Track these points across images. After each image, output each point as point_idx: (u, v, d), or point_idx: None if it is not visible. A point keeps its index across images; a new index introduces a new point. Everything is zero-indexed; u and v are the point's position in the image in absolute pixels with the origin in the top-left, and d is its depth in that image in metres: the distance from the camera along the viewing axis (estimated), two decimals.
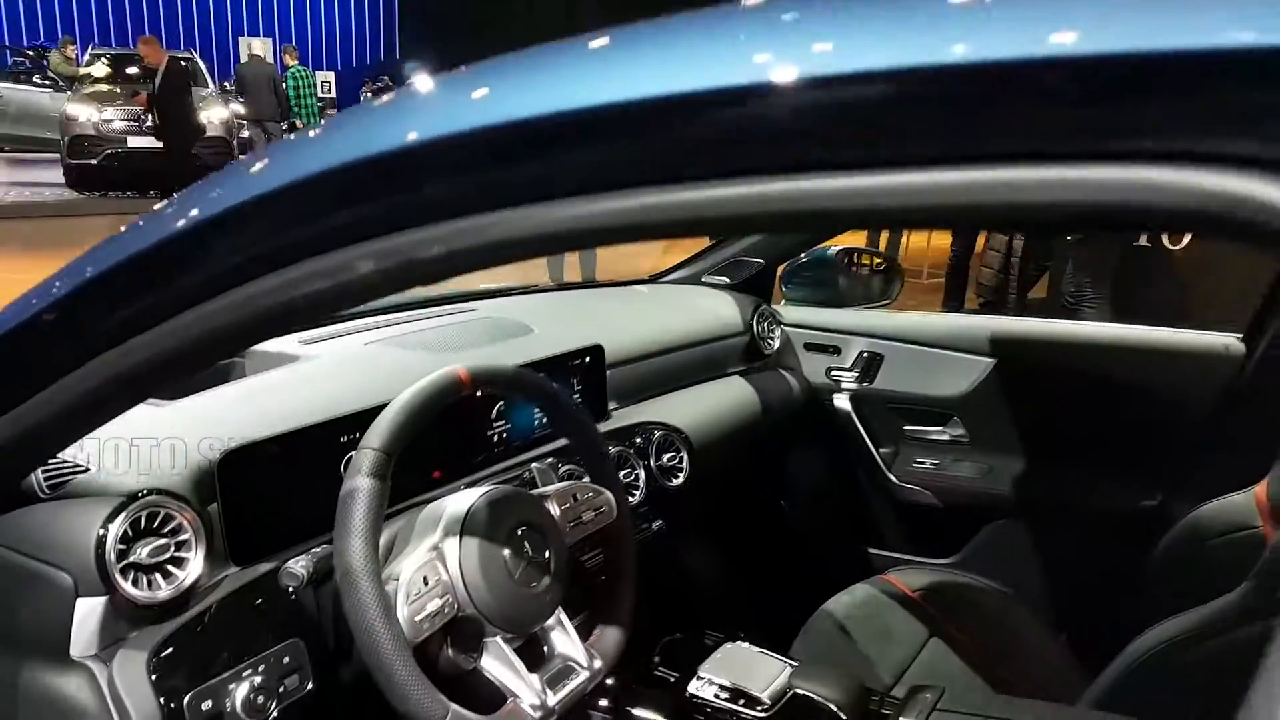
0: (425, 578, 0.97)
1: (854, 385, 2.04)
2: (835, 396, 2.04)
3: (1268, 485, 1.40)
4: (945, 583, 1.73)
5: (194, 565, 0.94)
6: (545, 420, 1.45)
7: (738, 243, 2.02)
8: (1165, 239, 6.22)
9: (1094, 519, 1.85)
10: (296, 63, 11.74)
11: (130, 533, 0.91)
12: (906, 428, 2.04)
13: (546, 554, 1.07)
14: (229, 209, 0.60)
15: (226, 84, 13.87)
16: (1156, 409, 1.77)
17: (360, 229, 0.55)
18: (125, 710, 0.86)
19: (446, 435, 1.28)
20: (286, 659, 0.98)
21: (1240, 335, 1.71)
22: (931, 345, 1.97)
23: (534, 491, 1.17)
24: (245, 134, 10.61)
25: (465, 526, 1.01)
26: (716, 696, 1.31)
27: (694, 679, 1.33)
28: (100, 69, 11.09)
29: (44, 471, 0.95)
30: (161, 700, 0.88)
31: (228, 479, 1.02)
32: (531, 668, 1.04)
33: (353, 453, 1.13)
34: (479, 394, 1.06)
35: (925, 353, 1.97)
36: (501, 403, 1.38)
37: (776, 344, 2.02)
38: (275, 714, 0.96)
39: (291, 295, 0.59)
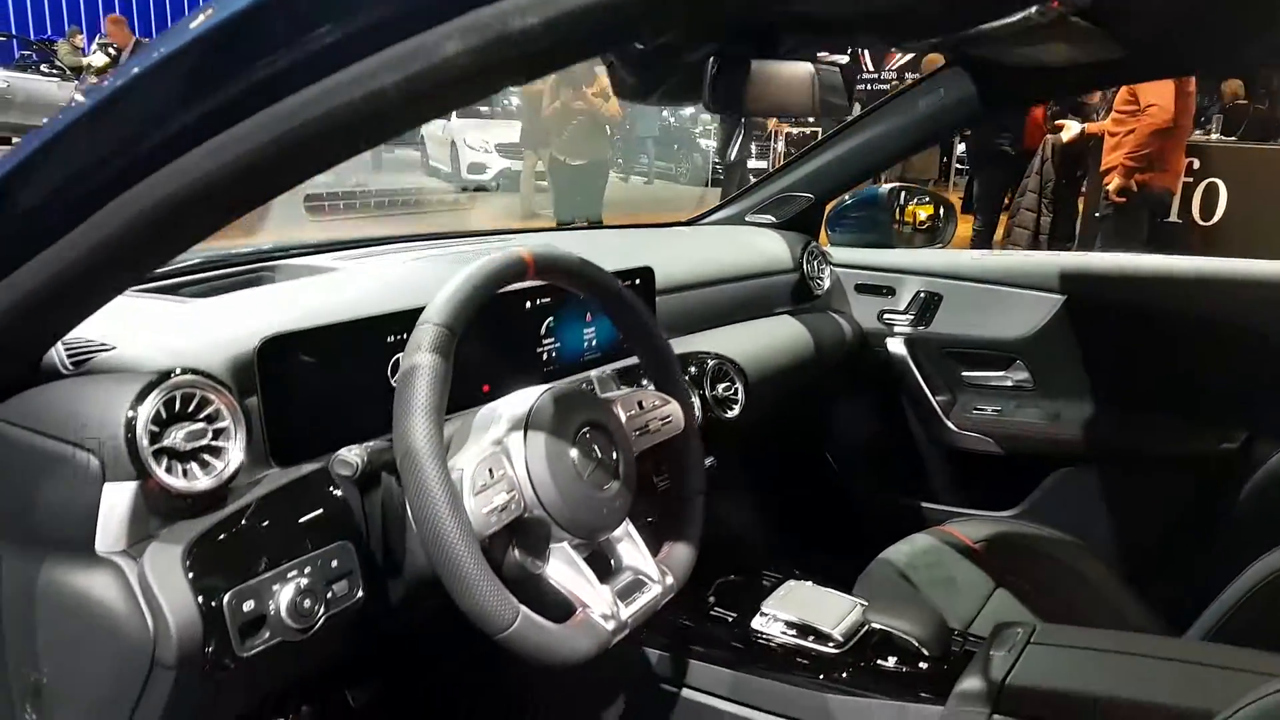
0: (490, 469, 0.87)
1: (908, 329, 1.93)
2: (889, 341, 1.94)
3: None
4: (1009, 533, 1.63)
5: (233, 454, 0.84)
6: (595, 342, 1.35)
7: (783, 178, 1.92)
8: (1196, 213, 6.13)
9: (1170, 464, 1.74)
10: None
11: (163, 414, 0.80)
12: (965, 373, 1.93)
13: (614, 456, 0.97)
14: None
15: None
16: (1239, 344, 1.66)
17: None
18: (159, 609, 0.76)
19: (494, 350, 1.18)
20: (335, 562, 0.88)
21: None
22: (994, 283, 1.85)
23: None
24: None
25: (530, 422, 0.91)
26: (783, 633, 1.21)
27: (757, 615, 1.24)
28: (100, 58, 11.12)
29: (66, 348, 0.85)
30: (199, 599, 0.78)
31: (268, 369, 0.92)
32: (600, 580, 0.94)
33: (400, 355, 1.04)
34: (539, 282, 0.96)
35: (987, 291, 1.86)
36: (551, 319, 1.28)
37: (826, 284, 1.92)
38: (321, 621, 0.86)
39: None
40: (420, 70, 0.53)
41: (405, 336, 1.04)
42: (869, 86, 12.16)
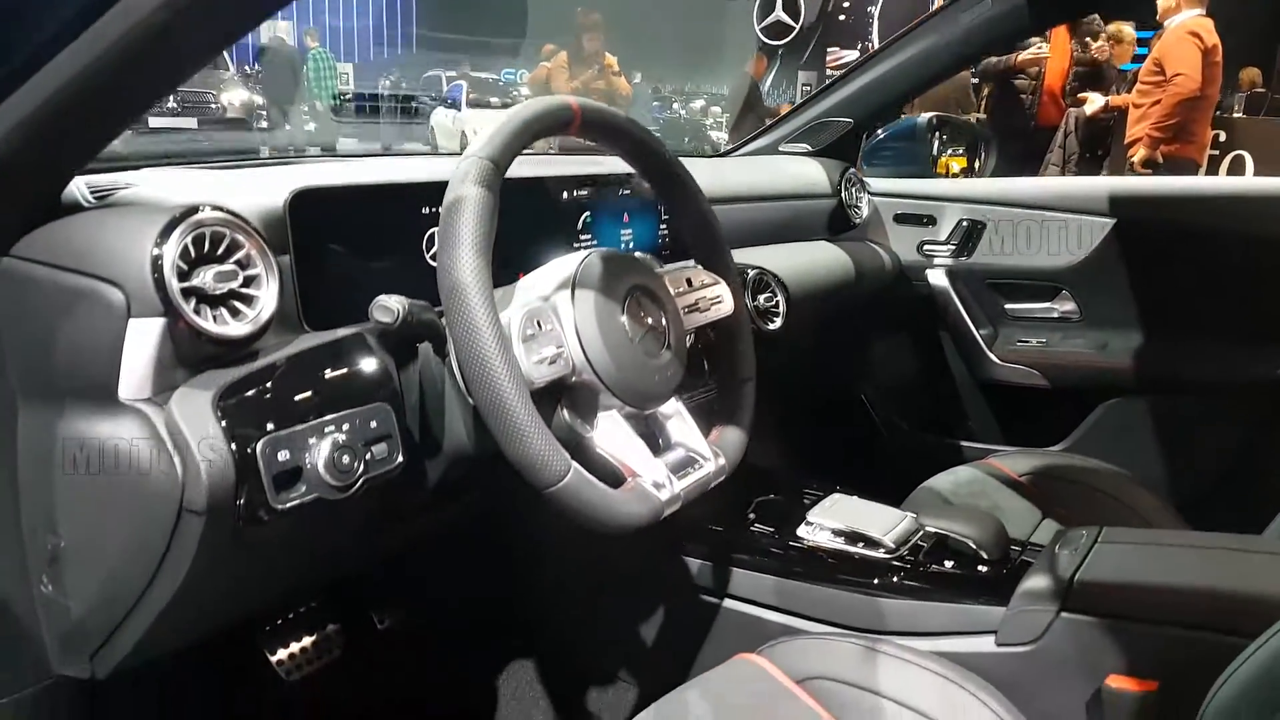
0: (538, 322, 0.81)
1: (949, 260, 1.86)
2: (929, 273, 1.87)
3: None
4: (1055, 465, 1.56)
5: (266, 301, 0.79)
6: (632, 244, 1.30)
7: (819, 104, 1.85)
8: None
9: (1224, 392, 1.67)
10: (317, 45, 11.66)
11: (191, 252, 0.75)
12: (1008, 306, 1.87)
13: (664, 324, 0.92)
14: None
15: (247, 67, 13.80)
16: None
17: None
18: (188, 450, 0.71)
19: (529, 241, 1.13)
20: (373, 424, 0.82)
21: None
22: (1041, 209, 1.79)
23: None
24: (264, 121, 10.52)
25: (578, 280, 0.86)
26: (830, 541, 1.15)
27: (802, 525, 1.18)
28: None
29: (88, 186, 0.80)
30: (232, 444, 0.72)
31: (300, 223, 0.86)
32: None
33: (434, 229, 0.99)
34: (581, 133, 0.90)
35: (1033, 218, 1.79)
36: (588, 214, 1.22)
37: (865, 212, 1.85)
38: (360, 483, 0.80)
39: None
40: None
41: (437, 209, 0.99)
42: None
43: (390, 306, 0.81)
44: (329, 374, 0.82)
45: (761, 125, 1.92)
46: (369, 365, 0.85)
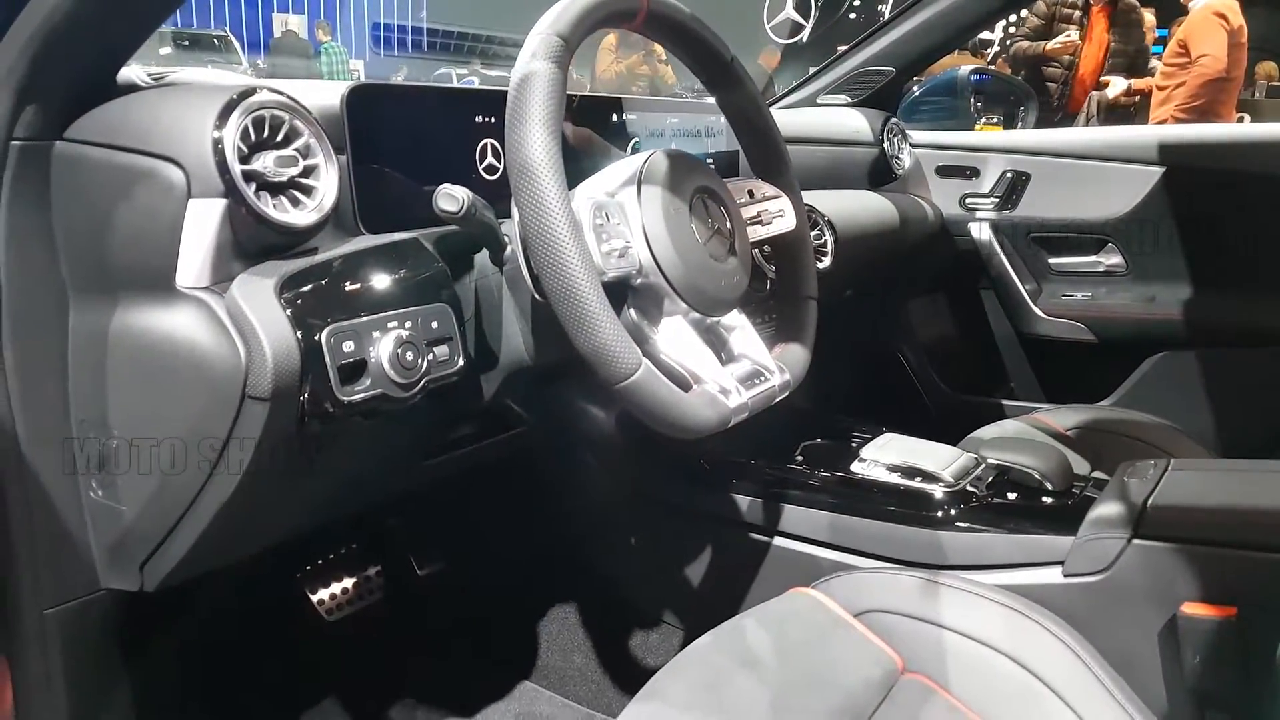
0: (607, 214, 0.78)
1: (992, 213, 1.83)
2: (971, 226, 1.84)
3: None
4: (1103, 419, 1.52)
5: (327, 190, 0.76)
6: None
7: (859, 54, 1.82)
8: None
9: (1275, 343, 1.63)
10: (330, 39, 11.62)
11: (252, 135, 0.72)
12: (1052, 260, 1.83)
13: (729, 229, 0.88)
14: None
15: (259, 61, 13.80)
16: None
17: None
18: (253, 333, 0.68)
19: (578, 156, 1.09)
20: (435, 324, 0.79)
21: None
22: (1087, 158, 1.75)
23: None
24: None
25: (644, 176, 0.82)
26: (886, 477, 1.12)
27: (855, 461, 1.14)
28: None
29: (144, 69, 0.77)
30: (296, 331, 0.69)
31: (356, 120, 0.83)
32: None
33: (487, 139, 0.96)
34: (645, 28, 0.86)
35: (1079, 167, 1.76)
36: (637, 138, 1.19)
37: (907, 163, 1.82)
38: (422, 384, 0.77)
39: None
40: None
41: (493, 120, 0.97)
42: None
43: (456, 195, 0.78)
44: (390, 273, 0.79)
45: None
46: (429, 267, 0.82)
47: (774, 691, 0.81)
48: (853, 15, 10.72)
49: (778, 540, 1.15)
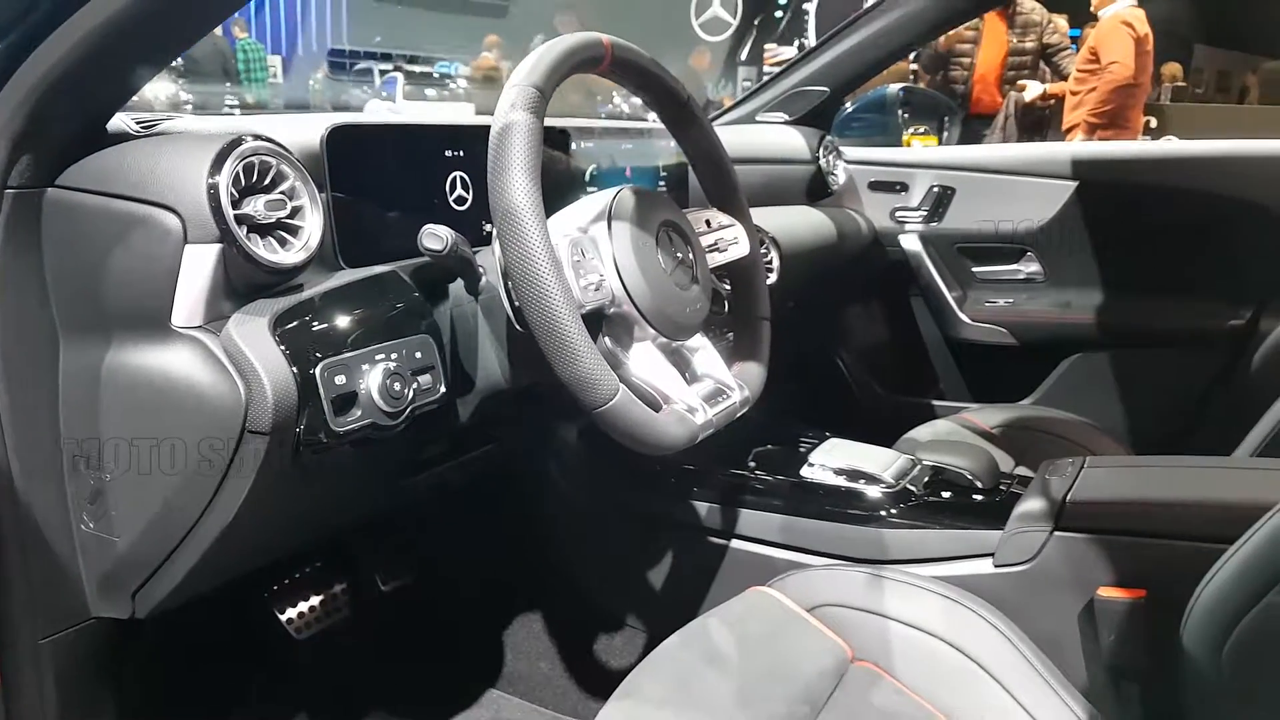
0: (582, 249, 0.84)
1: (921, 226, 1.93)
2: (902, 238, 1.94)
3: None
4: (1024, 418, 1.64)
5: (313, 230, 0.80)
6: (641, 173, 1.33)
7: (795, 74, 1.91)
8: None
9: (1181, 342, 1.77)
10: (246, 35, 11.34)
11: (242, 180, 0.76)
12: (976, 269, 1.95)
13: (692, 259, 0.95)
14: None
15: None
16: (1245, 221, 1.70)
17: None
18: (252, 372, 0.72)
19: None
20: (418, 354, 0.85)
21: None
22: (1008, 173, 1.86)
23: None
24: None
25: (613, 213, 0.88)
26: (833, 480, 1.21)
27: (804, 467, 1.23)
28: None
29: (135, 119, 0.80)
30: (293, 366, 0.74)
31: (335, 159, 0.88)
32: None
33: (456, 172, 1.01)
34: (610, 72, 0.92)
35: (1000, 182, 1.87)
36: (594, 165, 1.25)
37: (842, 179, 1.91)
38: (409, 411, 0.82)
39: None
40: None
41: (462, 153, 1.02)
42: None
43: (440, 235, 0.83)
44: (374, 306, 0.84)
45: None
46: (409, 299, 0.87)
47: (739, 684, 0.87)
48: (779, 14, 10.94)
49: (734, 543, 1.22)
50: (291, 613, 1.26)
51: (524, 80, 0.80)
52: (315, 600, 1.29)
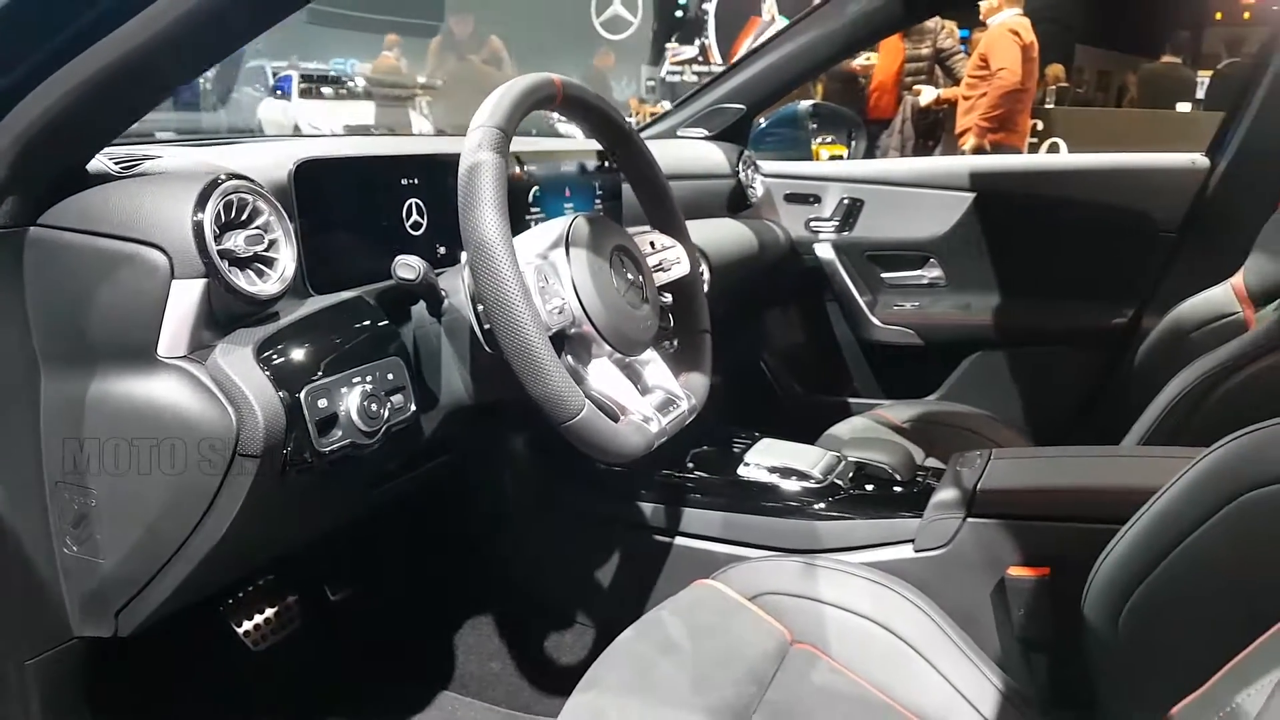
0: (545, 275, 0.91)
1: (833, 235, 2.06)
2: (817, 246, 2.06)
3: (1243, 275, 1.51)
4: (931, 413, 1.77)
5: (288, 262, 0.85)
6: (573, 208, 1.40)
7: (713, 92, 2.00)
8: None
9: (1071, 340, 1.94)
10: None
11: (222, 217, 0.81)
12: (885, 275, 2.08)
13: (641, 280, 1.03)
14: None
15: None
16: (1127, 228, 1.87)
17: None
18: (242, 399, 0.77)
19: None
20: (390, 375, 0.90)
21: (1204, 152, 1.83)
22: (912, 186, 2.00)
23: None
24: None
25: (570, 239, 0.95)
26: (767, 478, 1.30)
27: (740, 466, 1.32)
28: None
29: (111, 158, 0.84)
30: (280, 391, 0.78)
31: (303, 191, 0.92)
32: None
33: (414, 199, 1.07)
34: (561, 108, 1.00)
35: (905, 194, 2.01)
36: (537, 187, 1.31)
37: (760, 192, 2.02)
38: (383, 430, 0.88)
39: None
40: None
41: (416, 181, 1.07)
42: None
43: (412, 264, 0.89)
44: (347, 331, 0.89)
45: None
46: (378, 323, 0.93)
47: (692, 671, 0.95)
48: (679, 14, 11.08)
49: (678, 539, 1.29)
50: (248, 625, 1.29)
51: (488, 122, 0.86)
52: (270, 612, 1.32)
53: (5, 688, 0.84)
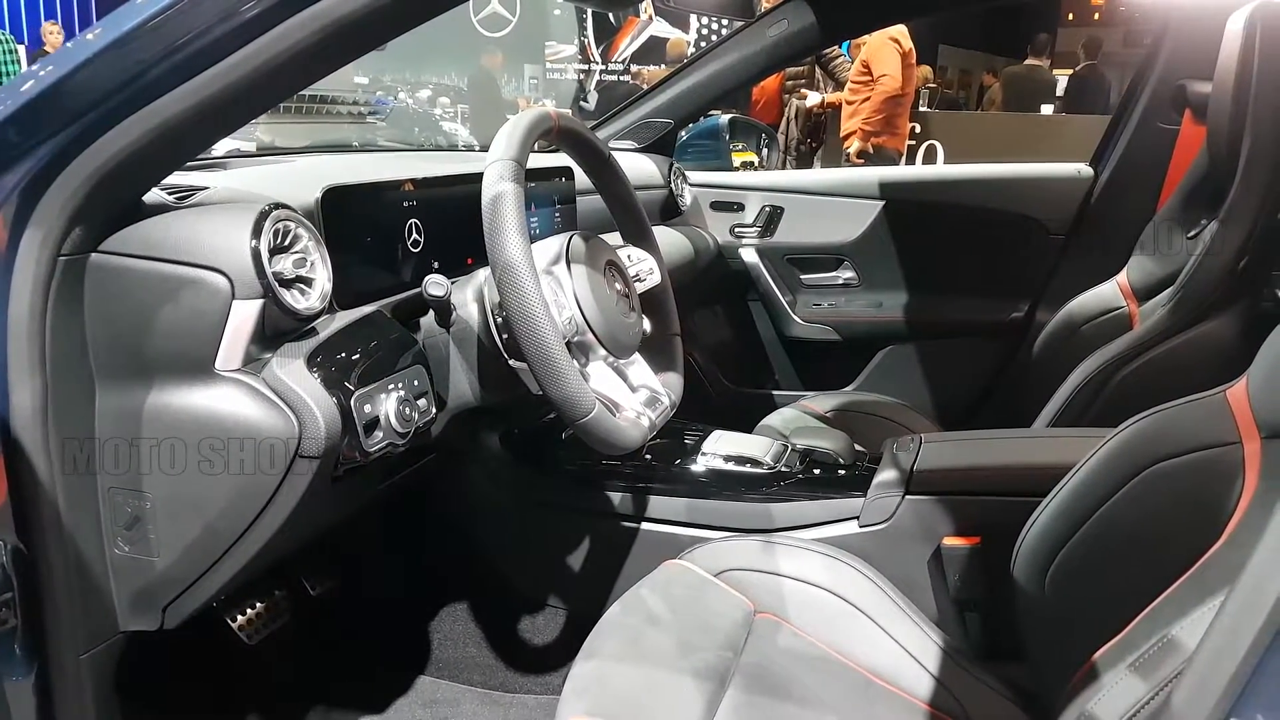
0: (556, 292, 1.02)
1: (756, 240, 2.22)
2: (741, 251, 2.22)
3: (1127, 273, 1.74)
4: (850, 402, 1.94)
5: (324, 282, 0.94)
6: (538, 229, 1.50)
7: (642, 107, 2.12)
8: None
9: (973, 333, 2.15)
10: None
11: (271, 241, 0.89)
12: (804, 276, 2.25)
13: (628, 289, 1.15)
14: None
15: None
16: (1021, 232, 2.09)
17: None
18: (303, 405, 0.85)
19: (465, 233, 1.30)
20: (416, 382, 1.00)
21: (1088, 162, 2.07)
22: (827, 194, 2.18)
23: None
24: None
25: (570, 256, 1.06)
26: (724, 466, 1.42)
27: (698, 455, 1.44)
28: None
29: (164, 189, 0.90)
30: (334, 398, 0.87)
31: (329, 214, 1.01)
32: None
33: (414, 219, 1.16)
34: (555, 138, 1.10)
35: (821, 202, 2.19)
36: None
37: (689, 200, 2.16)
38: (414, 431, 0.97)
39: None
40: None
41: (415, 203, 1.16)
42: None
43: (440, 283, 0.99)
44: (376, 342, 0.98)
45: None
46: (400, 333, 1.02)
47: (677, 638, 1.05)
48: (557, 12, 11.10)
49: (644, 525, 1.40)
50: (241, 619, 1.35)
51: (504, 155, 0.96)
52: (261, 607, 1.37)
53: (64, 681, 0.90)
